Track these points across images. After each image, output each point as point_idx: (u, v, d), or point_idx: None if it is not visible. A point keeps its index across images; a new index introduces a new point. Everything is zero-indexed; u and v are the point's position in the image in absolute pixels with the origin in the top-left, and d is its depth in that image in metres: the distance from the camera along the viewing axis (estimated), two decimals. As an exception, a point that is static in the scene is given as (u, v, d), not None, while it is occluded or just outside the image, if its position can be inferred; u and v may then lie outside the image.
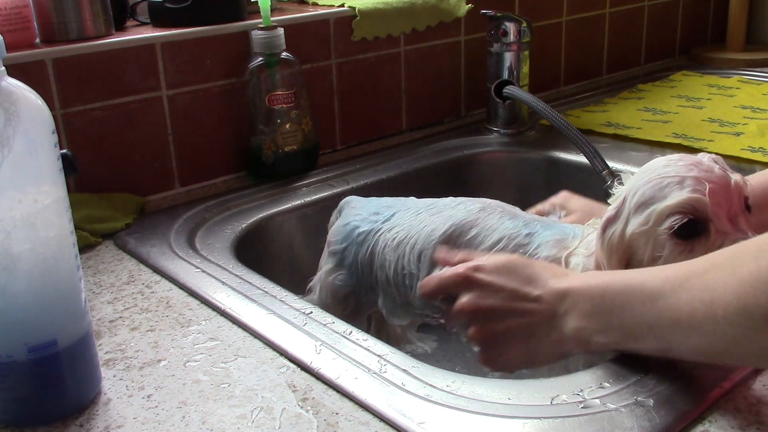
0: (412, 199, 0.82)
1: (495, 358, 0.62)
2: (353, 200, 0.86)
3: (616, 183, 0.66)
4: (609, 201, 0.66)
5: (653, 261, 0.61)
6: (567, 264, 0.67)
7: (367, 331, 0.86)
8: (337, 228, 0.83)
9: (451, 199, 0.79)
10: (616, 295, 0.55)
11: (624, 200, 0.63)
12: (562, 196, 0.85)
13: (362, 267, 0.80)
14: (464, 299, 0.63)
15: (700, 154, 0.62)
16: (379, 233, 0.79)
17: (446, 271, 0.65)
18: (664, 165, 0.62)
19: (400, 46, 1.22)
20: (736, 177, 0.60)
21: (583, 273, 0.64)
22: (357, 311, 0.82)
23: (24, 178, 0.51)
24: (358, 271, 0.80)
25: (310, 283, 0.85)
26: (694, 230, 0.60)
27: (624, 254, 0.63)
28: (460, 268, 0.64)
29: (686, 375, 0.57)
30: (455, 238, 0.73)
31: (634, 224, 0.61)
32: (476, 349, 0.63)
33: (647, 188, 0.61)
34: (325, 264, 0.83)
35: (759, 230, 0.48)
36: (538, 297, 0.59)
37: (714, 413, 0.54)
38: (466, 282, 0.63)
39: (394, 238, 0.77)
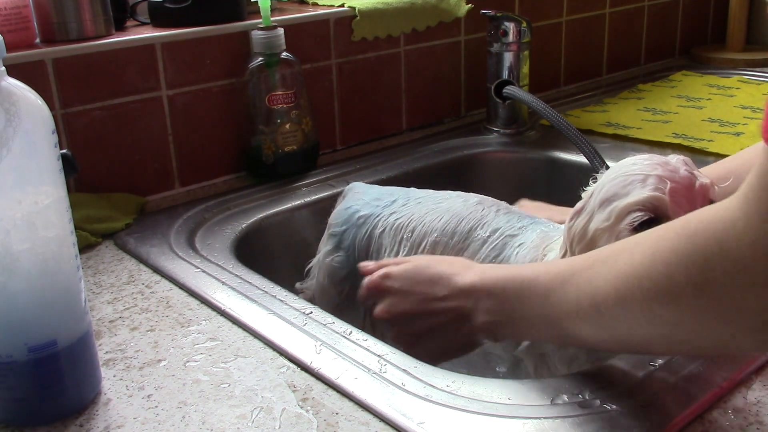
0: (414, 189, 0.83)
1: (418, 356, 0.65)
2: (357, 186, 0.88)
3: (591, 180, 0.67)
4: (581, 196, 0.67)
5: None
6: (543, 255, 0.69)
7: (363, 322, 0.87)
8: (338, 211, 0.85)
9: (452, 192, 0.81)
10: (514, 291, 0.59)
11: (591, 195, 0.64)
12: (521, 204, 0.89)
13: (359, 250, 0.81)
14: (379, 307, 0.68)
15: (671, 156, 0.63)
16: (379, 218, 0.80)
17: (364, 281, 0.70)
18: (632, 163, 0.62)
19: (400, 46, 1.22)
20: (703, 180, 0.61)
21: (486, 266, 0.66)
22: (352, 295, 0.82)
23: (24, 178, 0.51)
24: (355, 254, 0.81)
25: (309, 266, 0.86)
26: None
27: (587, 248, 0.64)
28: (373, 277, 0.69)
29: (686, 375, 0.57)
30: (452, 229, 0.75)
31: (598, 220, 0.62)
32: (400, 348, 0.67)
33: (612, 185, 0.62)
34: (324, 246, 0.85)
35: None
36: (444, 297, 0.64)
37: (714, 413, 0.54)
38: (378, 290, 0.68)
39: (393, 224, 0.79)
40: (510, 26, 1.18)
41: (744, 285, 0.42)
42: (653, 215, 0.59)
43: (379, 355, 0.62)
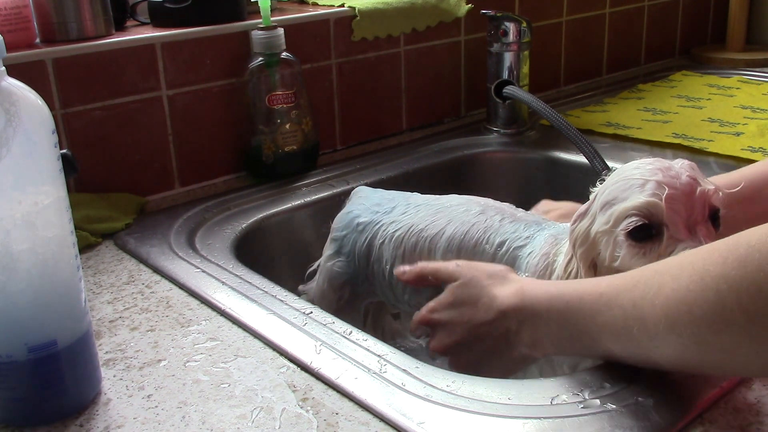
0: (416, 194, 0.83)
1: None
2: (361, 190, 0.87)
3: (598, 182, 0.67)
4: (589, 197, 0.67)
5: (613, 260, 0.62)
6: (554, 261, 0.69)
7: (363, 323, 0.87)
8: (340, 216, 0.84)
9: (453, 197, 0.79)
10: (558, 312, 0.59)
11: (594, 198, 0.64)
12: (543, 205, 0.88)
13: (359, 257, 0.81)
14: (432, 343, 0.68)
15: (676, 160, 0.63)
16: (379, 225, 0.79)
17: (415, 317, 0.70)
18: (634, 167, 0.62)
19: (400, 46, 1.22)
20: (707, 186, 0.60)
21: (527, 281, 0.65)
22: (353, 300, 0.83)
23: (24, 178, 0.51)
24: (355, 261, 0.81)
25: (311, 268, 0.86)
26: (648, 233, 0.60)
27: (589, 250, 0.64)
28: (421, 313, 0.69)
29: (686, 375, 0.57)
30: (456, 245, 0.74)
31: (599, 223, 0.63)
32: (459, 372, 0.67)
33: (613, 189, 0.62)
34: (326, 250, 0.84)
35: (753, 222, 0.49)
36: (490, 321, 0.63)
37: (714, 413, 0.54)
38: (428, 324, 0.68)
39: (393, 234, 0.78)
40: (510, 26, 1.18)
41: None
42: (647, 221, 0.59)
43: (379, 355, 0.62)
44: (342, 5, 1.14)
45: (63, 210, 0.54)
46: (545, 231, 0.71)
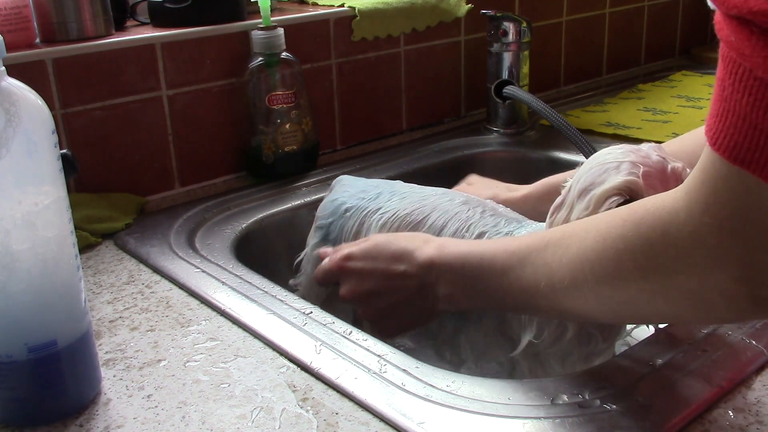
0: (400, 182, 0.83)
1: (385, 330, 0.71)
2: (344, 179, 0.88)
3: (568, 177, 0.68)
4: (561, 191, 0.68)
5: None
6: None
7: (354, 318, 0.87)
8: (324, 203, 0.85)
9: (436, 189, 0.80)
10: (473, 267, 0.63)
11: (569, 189, 0.65)
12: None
13: (347, 242, 0.80)
14: (343, 289, 0.71)
15: (642, 144, 0.65)
16: (365, 212, 0.80)
17: (324, 263, 0.73)
18: (606, 153, 0.65)
19: (400, 46, 1.22)
20: (674, 164, 0.62)
21: (446, 240, 0.69)
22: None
23: (24, 178, 0.51)
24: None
25: (298, 259, 0.86)
26: None
27: None
28: (334, 258, 0.72)
29: (686, 375, 0.57)
30: (438, 230, 0.75)
31: (578, 210, 0.64)
32: (368, 324, 0.71)
33: (588, 176, 0.64)
34: (312, 239, 0.84)
35: None
36: (405, 272, 0.67)
37: (714, 413, 0.54)
38: (341, 272, 0.71)
39: (380, 219, 0.78)
40: (510, 26, 1.18)
41: (684, 269, 0.46)
42: (629, 198, 0.61)
43: (379, 355, 0.62)
44: (342, 5, 1.14)
45: (63, 210, 0.55)
46: (524, 228, 0.72)
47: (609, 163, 0.63)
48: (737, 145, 0.40)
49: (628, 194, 0.61)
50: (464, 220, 0.74)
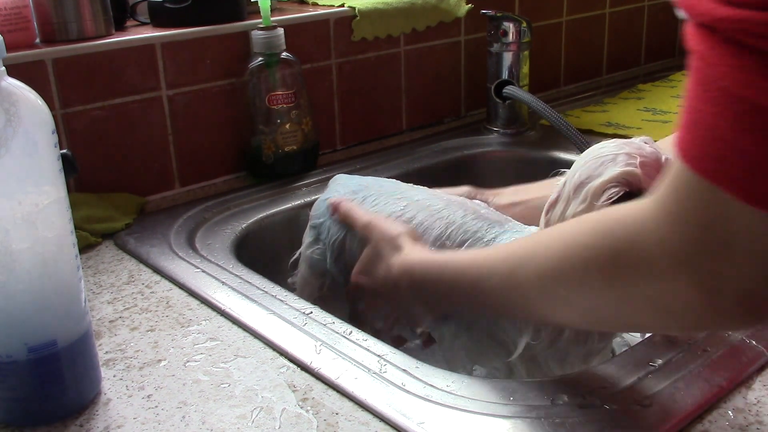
0: (394, 182, 0.83)
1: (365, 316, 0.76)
2: (339, 177, 0.88)
3: (559, 174, 0.68)
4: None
5: None
6: None
7: (348, 310, 0.87)
8: (317, 203, 0.85)
9: (421, 189, 0.80)
10: (448, 280, 0.66)
11: (564, 184, 0.65)
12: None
13: (336, 244, 0.80)
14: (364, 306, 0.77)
15: (634, 137, 0.65)
16: None
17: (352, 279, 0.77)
18: (600, 147, 0.64)
19: (400, 46, 1.22)
20: (667, 155, 0.62)
21: (420, 252, 0.71)
22: (335, 287, 0.82)
23: (24, 179, 0.51)
24: (333, 247, 0.81)
25: (293, 258, 0.86)
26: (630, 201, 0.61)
27: None
28: (352, 277, 0.76)
29: (686, 375, 0.57)
30: (421, 235, 0.74)
31: (575, 205, 0.63)
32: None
33: (584, 170, 0.64)
34: (306, 237, 0.85)
35: None
36: (393, 284, 0.70)
37: (714, 413, 0.54)
38: (359, 286, 0.76)
39: None
40: (510, 26, 1.18)
41: (649, 277, 0.46)
42: (628, 189, 0.61)
43: (379, 355, 0.62)
44: (342, 5, 1.14)
45: (63, 210, 0.54)
46: (506, 234, 0.71)
47: (605, 156, 0.63)
48: (704, 156, 0.40)
49: (627, 185, 0.61)
50: (444, 227, 0.73)
